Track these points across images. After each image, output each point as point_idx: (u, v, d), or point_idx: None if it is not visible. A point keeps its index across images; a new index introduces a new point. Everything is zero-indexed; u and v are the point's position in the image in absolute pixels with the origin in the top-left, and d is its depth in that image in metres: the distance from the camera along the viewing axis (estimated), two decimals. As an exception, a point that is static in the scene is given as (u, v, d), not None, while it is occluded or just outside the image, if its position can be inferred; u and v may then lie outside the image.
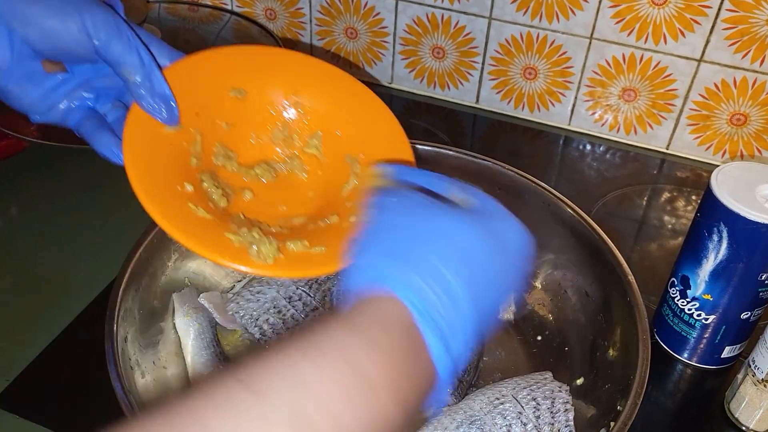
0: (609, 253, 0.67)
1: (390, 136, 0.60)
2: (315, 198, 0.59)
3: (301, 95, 0.60)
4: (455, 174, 0.76)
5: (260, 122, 0.60)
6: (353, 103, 0.61)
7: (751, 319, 0.67)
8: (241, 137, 0.59)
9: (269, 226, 0.55)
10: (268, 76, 0.60)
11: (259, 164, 0.60)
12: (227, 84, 0.58)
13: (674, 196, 0.97)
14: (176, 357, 0.66)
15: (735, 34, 0.91)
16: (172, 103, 0.53)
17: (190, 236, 0.48)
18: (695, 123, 1.00)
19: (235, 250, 0.49)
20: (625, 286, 0.64)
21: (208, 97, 0.57)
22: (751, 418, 0.65)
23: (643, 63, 0.97)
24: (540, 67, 1.03)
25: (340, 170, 0.59)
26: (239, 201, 0.57)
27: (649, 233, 0.92)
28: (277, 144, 0.61)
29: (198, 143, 0.56)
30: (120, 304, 0.59)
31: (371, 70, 1.14)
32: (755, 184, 0.63)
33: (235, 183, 0.58)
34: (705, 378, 0.72)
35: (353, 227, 0.53)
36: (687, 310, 0.69)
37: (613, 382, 0.61)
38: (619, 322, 0.64)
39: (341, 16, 1.11)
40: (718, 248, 0.64)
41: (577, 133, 1.07)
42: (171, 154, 0.53)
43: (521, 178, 0.74)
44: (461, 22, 1.04)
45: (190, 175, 0.54)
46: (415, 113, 1.11)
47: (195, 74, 0.56)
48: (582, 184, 0.98)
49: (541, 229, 0.73)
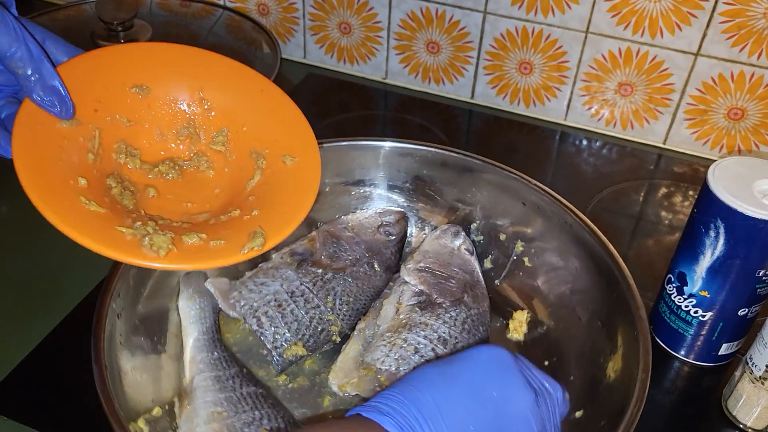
0: (624, 283, 0.64)
1: (296, 132, 0.60)
2: (221, 194, 0.59)
3: (206, 91, 0.60)
4: (481, 184, 0.76)
5: (164, 119, 0.60)
6: (259, 99, 0.61)
7: (749, 315, 0.66)
8: (144, 134, 0.59)
9: (172, 221, 0.54)
10: (171, 72, 0.60)
11: (163, 162, 0.59)
12: (128, 80, 0.58)
13: (671, 191, 0.96)
14: (175, 338, 0.66)
15: (732, 28, 0.90)
16: (65, 97, 0.52)
17: (78, 229, 0.47)
18: (692, 118, 0.99)
19: (126, 243, 0.49)
20: (635, 321, 0.61)
21: (107, 93, 0.56)
22: (748, 416, 0.64)
23: (639, 57, 0.96)
24: (535, 62, 1.02)
25: (245, 166, 0.59)
26: (143, 198, 0.57)
27: (646, 229, 0.91)
28: (182, 141, 0.60)
29: (96, 139, 0.55)
30: (107, 308, 0.58)
31: (365, 66, 1.13)
32: (752, 179, 0.62)
33: (139, 180, 0.57)
34: (702, 375, 0.71)
35: (254, 221, 0.54)
36: (684, 307, 0.68)
37: (609, 417, 0.58)
38: (624, 356, 0.62)
39: (335, 11, 1.10)
40: (715, 244, 0.63)
41: (574, 129, 1.06)
42: (65, 149, 0.52)
43: (547, 197, 0.72)
44: (456, 17, 1.03)
45: (86, 169, 0.53)
46: (410, 109, 1.10)
47: (93, 70, 0.55)
48: (578, 180, 0.97)
49: (562, 250, 0.72)
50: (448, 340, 0.65)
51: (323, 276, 0.70)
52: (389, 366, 0.63)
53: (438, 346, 0.64)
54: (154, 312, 0.66)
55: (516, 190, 0.75)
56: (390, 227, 0.77)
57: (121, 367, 0.58)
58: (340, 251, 0.73)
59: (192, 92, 0.60)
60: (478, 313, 0.69)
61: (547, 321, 0.72)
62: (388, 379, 0.63)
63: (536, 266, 0.75)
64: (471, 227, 0.79)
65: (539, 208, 0.73)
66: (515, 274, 0.76)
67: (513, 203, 0.75)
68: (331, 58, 1.15)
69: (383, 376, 0.63)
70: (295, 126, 0.60)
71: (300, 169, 0.58)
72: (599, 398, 0.62)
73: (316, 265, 0.71)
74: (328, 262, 0.72)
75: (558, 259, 0.73)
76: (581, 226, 0.69)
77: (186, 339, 0.66)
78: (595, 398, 0.63)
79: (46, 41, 0.52)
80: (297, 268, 0.70)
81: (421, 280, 0.70)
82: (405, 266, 0.73)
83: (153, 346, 0.64)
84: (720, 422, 0.66)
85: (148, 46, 0.61)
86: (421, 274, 0.71)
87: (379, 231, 0.76)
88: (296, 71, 1.15)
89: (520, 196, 0.74)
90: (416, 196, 0.81)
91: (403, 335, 0.65)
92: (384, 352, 0.64)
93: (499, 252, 0.77)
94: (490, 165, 0.76)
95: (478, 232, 0.79)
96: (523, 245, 0.76)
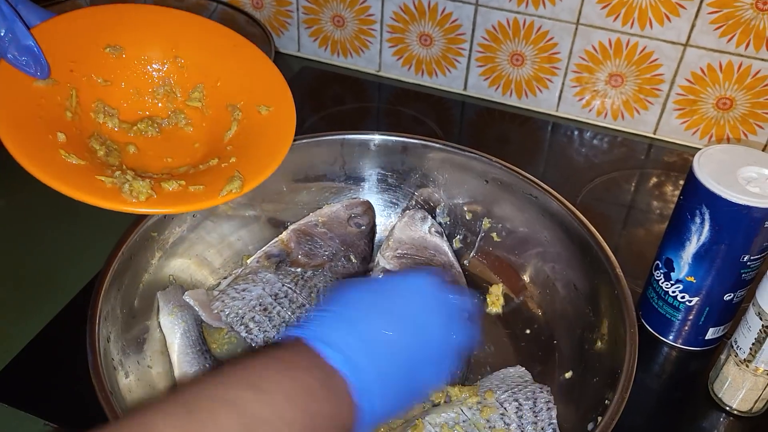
0: (597, 246, 0.67)
1: (269, 83, 0.62)
2: (200, 148, 0.61)
3: (179, 49, 0.62)
4: (442, 167, 0.78)
5: (140, 78, 0.61)
6: (233, 54, 0.63)
7: (734, 300, 0.68)
8: (121, 94, 0.61)
9: (153, 174, 0.56)
10: (144, 32, 0.61)
11: (142, 120, 0.61)
12: (101, 41, 0.59)
13: (662, 180, 0.97)
14: (161, 355, 0.65)
15: (720, 18, 0.91)
16: (39, 56, 0.53)
17: (59, 179, 0.49)
18: (682, 108, 1.00)
19: (106, 191, 0.50)
20: (612, 279, 0.64)
21: (82, 53, 0.58)
22: (734, 398, 0.65)
23: (629, 48, 0.97)
24: (527, 54, 1.03)
25: (222, 119, 0.61)
26: (124, 155, 0.58)
27: (637, 218, 0.92)
28: (160, 99, 0.62)
29: (74, 98, 0.57)
30: (101, 305, 0.59)
31: (359, 59, 1.14)
32: (737, 166, 0.63)
33: (119, 139, 0.59)
34: (689, 360, 0.72)
35: (232, 167, 0.55)
36: (671, 293, 0.69)
37: (601, 376, 0.61)
38: (607, 314, 0.65)
39: (328, 5, 1.10)
40: (700, 230, 0.64)
41: (565, 119, 1.07)
42: (43, 106, 0.54)
43: (510, 172, 0.74)
44: (448, 9, 1.04)
45: (64, 126, 0.55)
46: (403, 101, 1.11)
47: (67, 32, 0.57)
48: (570, 170, 0.99)
49: (530, 222, 0.74)
50: None
51: (303, 275, 0.70)
52: None
53: None
54: (138, 333, 0.65)
55: (477, 168, 0.76)
56: (359, 218, 0.78)
57: (117, 369, 0.59)
58: (316, 248, 0.74)
59: (165, 50, 0.62)
60: None
61: (523, 291, 0.75)
62: None
63: (505, 240, 0.77)
64: (436, 210, 0.80)
65: (503, 183, 0.75)
66: (486, 250, 0.79)
67: (476, 182, 0.77)
68: (325, 51, 1.16)
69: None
70: (269, 78, 0.62)
71: (275, 117, 0.60)
72: (587, 358, 0.65)
73: (295, 265, 0.72)
74: (306, 260, 0.73)
75: (526, 230, 0.75)
76: (548, 196, 0.72)
77: (173, 355, 0.64)
78: (583, 358, 0.66)
79: (18, 5, 0.53)
80: (276, 270, 0.70)
81: (401, 266, 0.72)
82: (383, 255, 0.74)
83: (142, 366, 0.63)
84: (706, 405, 0.67)
85: (120, 8, 0.62)
86: (402, 260, 0.72)
87: (349, 223, 0.77)
88: (290, 64, 1.16)
89: (482, 174, 0.76)
90: (379, 185, 0.82)
91: None
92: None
93: (466, 231, 0.80)
94: (449, 147, 0.77)
95: (443, 214, 0.80)
96: (490, 221, 0.78)
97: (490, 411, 0.60)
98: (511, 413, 0.60)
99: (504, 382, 0.64)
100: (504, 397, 0.61)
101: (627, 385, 0.56)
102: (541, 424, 0.60)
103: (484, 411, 0.60)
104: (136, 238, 0.65)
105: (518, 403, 0.61)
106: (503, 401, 0.61)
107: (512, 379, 0.65)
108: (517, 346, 0.72)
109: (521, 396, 0.61)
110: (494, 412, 0.60)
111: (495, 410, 0.60)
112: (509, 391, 0.62)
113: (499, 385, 0.63)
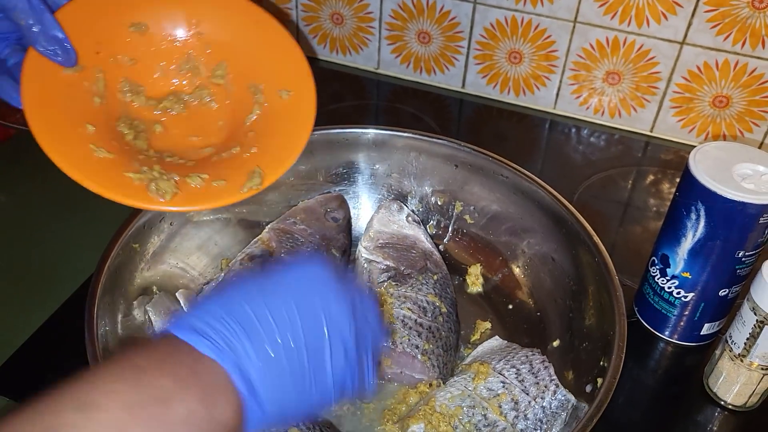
0: (571, 218, 0.69)
1: (290, 62, 0.61)
2: (224, 127, 0.61)
3: (202, 25, 0.61)
4: (411, 155, 0.79)
5: (165, 55, 0.61)
6: (255, 31, 0.62)
7: (729, 296, 0.68)
8: (146, 71, 0.61)
9: (179, 158, 0.57)
10: (166, 8, 0.61)
11: (167, 97, 0.61)
12: (125, 19, 0.59)
13: (658, 178, 0.98)
14: None
15: (717, 17, 0.91)
16: (67, 45, 0.53)
17: (89, 177, 0.50)
18: (678, 105, 1.01)
19: (134, 189, 0.51)
20: (591, 248, 0.66)
21: (107, 34, 0.58)
22: (728, 393, 0.66)
23: (626, 46, 0.98)
24: (525, 51, 1.04)
25: (244, 99, 0.61)
26: (151, 136, 0.59)
27: (634, 215, 0.93)
28: (184, 76, 0.62)
29: (101, 81, 0.57)
30: (97, 305, 0.59)
31: (358, 56, 1.15)
32: (732, 163, 0.64)
33: (146, 116, 0.59)
34: (685, 355, 0.73)
35: (253, 159, 0.56)
36: (667, 289, 0.70)
37: (591, 340, 0.63)
38: (590, 282, 0.66)
39: (327, 2, 1.11)
40: (696, 227, 0.65)
41: (562, 117, 1.08)
42: (72, 96, 0.54)
43: (478, 155, 0.76)
44: (446, 7, 1.04)
45: (93, 114, 0.55)
46: (401, 98, 1.11)
47: (91, 13, 0.57)
48: (567, 167, 0.99)
49: (502, 201, 0.76)
50: (427, 307, 0.69)
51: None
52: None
53: (421, 316, 0.68)
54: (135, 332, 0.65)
55: (445, 154, 0.78)
56: (335, 212, 0.79)
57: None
58: (298, 245, 0.75)
59: (188, 26, 0.61)
60: (442, 277, 0.73)
61: (501, 269, 0.77)
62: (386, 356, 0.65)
63: (479, 221, 0.79)
64: (408, 199, 0.82)
65: (472, 166, 0.77)
66: (461, 232, 0.81)
67: (445, 168, 0.79)
68: (324, 48, 1.16)
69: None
70: (290, 56, 0.62)
71: (296, 103, 0.60)
72: (573, 326, 0.67)
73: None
74: (289, 258, 0.73)
75: (499, 209, 0.77)
76: (518, 175, 0.73)
77: None
78: (569, 327, 0.68)
79: None
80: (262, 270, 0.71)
81: (385, 256, 0.73)
82: (363, 247, 0.75)
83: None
84: (702, 399, 0.68)
85: None
86: (384, 251, 0.74)
87: (326, 218, 0.78)
88: (289, 62, 1.16)
89: (451, 159, 0.78)
90: (350, 178, 0.83)
91: (389, 312, 0.67)
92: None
93: (440, 216, 0.81)
94: (416, 136, 0.79)
95: (416, 201, 0.82)
96: (462, 204, 0.79)
97: (491, 380, 0.62)
98: (512, 378, 0.62)
99: (494, 353, 0.66)
100: (500, 366, 0.63)
101: (622, 345, 0.58)
102: (543, 382, 0.62)
103: (484, 381, 0.62)
104: (128, 237, 0.65)
105: (516, 369, 0.63)
106: (501, 369, 0.63)
107: (501, 349, 0.66)
108: (502, 321, 0.74)
109: (516, 362, 0.63)
110: (495, 380, 0.62)
111: (495, 378, 0.62)
112: (503, 360, 0.64)
113: (492, 357, 0.65)
